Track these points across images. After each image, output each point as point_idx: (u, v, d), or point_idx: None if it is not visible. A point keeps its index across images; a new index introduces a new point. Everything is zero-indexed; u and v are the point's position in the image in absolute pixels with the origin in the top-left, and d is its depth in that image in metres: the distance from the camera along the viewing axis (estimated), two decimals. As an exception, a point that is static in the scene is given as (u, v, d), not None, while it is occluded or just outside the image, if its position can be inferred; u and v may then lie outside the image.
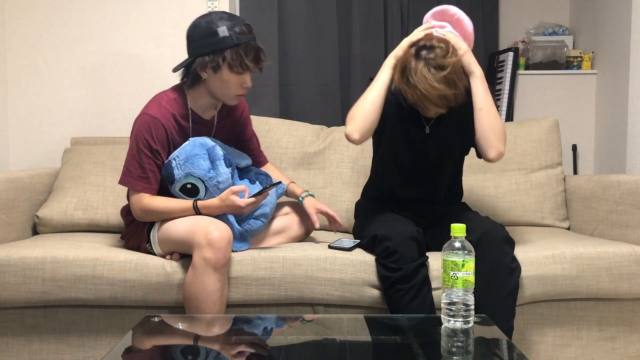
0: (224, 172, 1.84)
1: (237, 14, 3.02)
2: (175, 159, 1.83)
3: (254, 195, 1.80)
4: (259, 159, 2.17)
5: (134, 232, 1.94)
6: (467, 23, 1.86)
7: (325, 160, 2.48)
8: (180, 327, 1.41)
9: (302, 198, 2.05)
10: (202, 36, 1.80)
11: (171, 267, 1.82)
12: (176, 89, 1.94)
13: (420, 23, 1.92)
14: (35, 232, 2.34)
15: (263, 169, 2.13)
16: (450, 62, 1.73)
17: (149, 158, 1.82)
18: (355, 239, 2.02)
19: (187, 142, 1.86)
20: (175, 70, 1.91)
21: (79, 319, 1.89)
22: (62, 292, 1.82)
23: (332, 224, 2.08)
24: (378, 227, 1.85)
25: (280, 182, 1.90)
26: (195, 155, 1.81)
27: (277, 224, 2.05)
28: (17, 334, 1.89)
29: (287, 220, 2.08)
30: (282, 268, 1.82)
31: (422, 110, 1.85)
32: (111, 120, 2.86)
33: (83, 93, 2.86)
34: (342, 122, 3.05)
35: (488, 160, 1.84)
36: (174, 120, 1.87)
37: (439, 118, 1.90)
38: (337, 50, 3.08)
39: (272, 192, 1.96)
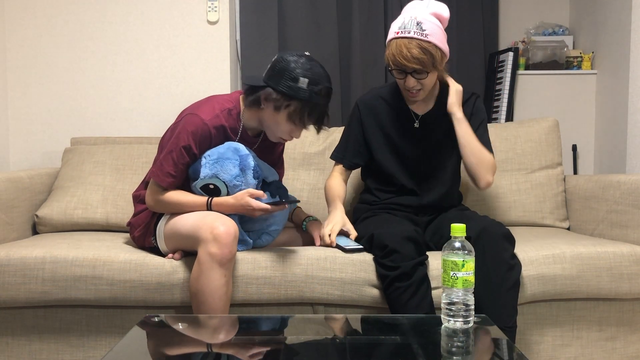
0: (251, 182, 1.83)
1: (237, 14, 3.03)
2: (206, 157, 1.82)
3: (270, 204, 1.79)
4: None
5: (141, 222, 1.93)
6: (442, 10, 1.92)
7: (325, 161, 2.48)
8: (180, 327, 1.41)
9: (306, 222, 2.06)
10: (285, 75, 1.78)
11: (171, 267, 1.82)
12: (234, 99, 1.92)
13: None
14: (35, 231, 2.34)
15: None
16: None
17: (184, 159, 1.82)
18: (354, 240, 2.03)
19: (223, 144, 1.85)
20: (245, 82, 1.95)
21: (79, 319, 1.89)
22: (62, 292, 1.82)
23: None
24: (376, 227, 1.86)
25: (298, 201, 1.89)
26: (227, 159, 1.80)
27: (282, 236, 2.06)
28: (17, 334, 1.89)
29: (292, 232, 2.10)
30: (282, 267, 1.82)
31: (401, 67, 1.88)
32: (111, 120, 2.86)
33: (83, 93, 2.86)
34: (342, 122, 3.05)
35: (478, 189, 2.03)
36: (223, 132, 1.86)
37: (427, 115, 2.04)
38: (337, 50, 3.08)
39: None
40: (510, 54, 3.05)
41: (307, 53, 1.84)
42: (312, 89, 1.77)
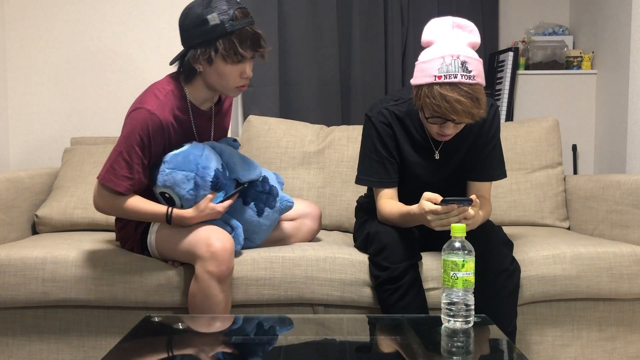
0: (206, 196, 1.73)
1: (237, 14, 3.02)
2: (165, 163, 1.73)
3: (228, 197, 1.74)
4: None
5: (127, 236, 1.89)
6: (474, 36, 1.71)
7: (325, 160, 2.48)
8: (180, 327, 1.41)
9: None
10: (192, 25, 1.65)
11: (171, 266, 1.82)
12: (173, 78, 1.81)
13: (420, 23, 1.90)
14: (35, 231, 2.34)
15: None
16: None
17: (139, 158, 1.69)
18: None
19: (185, 148, 1.75)
20: (171, 63, 1.80)
21: (79, 319, 1.89)
22: (62, 292, 1.82)
23: None
24: (371, 226, 1.84)
25: (244, 185, 1.78)
26: (182, 170, 1.70)
27: (285, 229, 2.02)
28: (17, 334, 1.89)
29: (294, 225, 2.06)
30: (282, 268, 1.82)
31: (441, 123, 1.69)
32: (111, 120, 2.86)
33: (83, 93, 2.86)
34: (341, 121, 3.05)
35: None
36: (173, 116, 1.73)
37: (447, 144, 1.84)
38: (337, 50, 3.08)
39: (277, 208, 1.90)
40: (510, 53, 3.05)
41: None
42: (224, 19, 1.62)
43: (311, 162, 2.47)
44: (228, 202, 1.74)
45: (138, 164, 1.69)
